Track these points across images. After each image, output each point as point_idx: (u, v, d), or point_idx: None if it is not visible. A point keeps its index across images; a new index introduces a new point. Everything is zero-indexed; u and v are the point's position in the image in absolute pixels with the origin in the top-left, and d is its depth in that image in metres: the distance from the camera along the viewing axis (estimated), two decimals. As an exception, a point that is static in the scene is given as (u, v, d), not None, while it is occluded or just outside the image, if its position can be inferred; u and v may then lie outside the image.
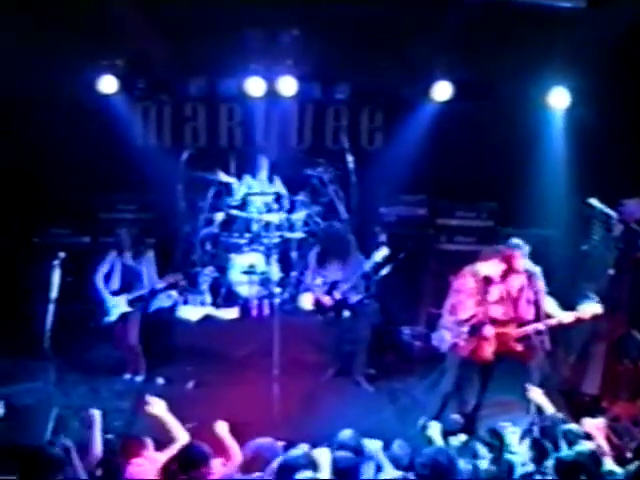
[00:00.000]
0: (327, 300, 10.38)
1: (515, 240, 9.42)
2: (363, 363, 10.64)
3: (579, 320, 9.26)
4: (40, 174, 12.35)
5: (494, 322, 9.43)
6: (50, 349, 10.72)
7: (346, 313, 10.34)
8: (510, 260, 9.34)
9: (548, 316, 9.28)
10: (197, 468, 7.03)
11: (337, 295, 10.33)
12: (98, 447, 7.51)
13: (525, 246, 9.39)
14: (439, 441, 7.87)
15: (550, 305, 9.33)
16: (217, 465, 7.33)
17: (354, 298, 10.34)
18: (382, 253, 10.17)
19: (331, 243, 10.50)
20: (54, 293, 10.36)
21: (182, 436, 7.63)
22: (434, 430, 8.01)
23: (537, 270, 9.40)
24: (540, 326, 9.27)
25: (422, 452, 7.17)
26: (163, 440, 7.75)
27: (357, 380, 10.59)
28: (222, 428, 7.84)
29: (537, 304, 9.34)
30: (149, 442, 7.66)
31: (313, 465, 7.37)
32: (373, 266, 10.25)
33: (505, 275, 9.39)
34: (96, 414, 7.70)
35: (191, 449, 7.29)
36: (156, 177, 12.48)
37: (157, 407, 7.89)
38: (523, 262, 9.37)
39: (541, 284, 9.35)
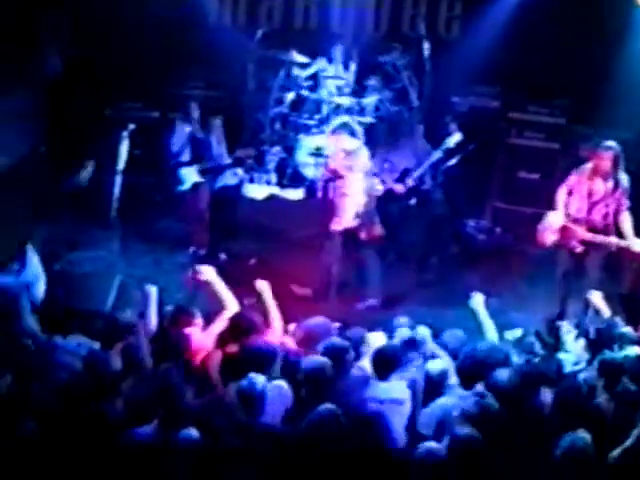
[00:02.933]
0: (400, 188, 10.28)
1: (609, 142, 9.14)
2: (430, 253, 10.67)
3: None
4: (114, 48, 12.34)
5: (566, 215, 9.30)
6: (116, 219, 10.95)
7: (413, 200, 10.28)
8: (600, 160, 9.09)
9: (620, 235, 9.08)
10: (247, 335, 7.17)
11: (410, 182, 10.23)
12: (154, 322, 7.64)
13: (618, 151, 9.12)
14: (482, 312, 7.86)
15: (627, 226, 9.06)
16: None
17: (424, 186, 10.26)
18: (455, 139, 10.04)
19: (398, 130, 10.36)
20: (122, 164, 10.48)
21: (232, 305, 7.71)
22: (477, 302, 7.99)
23: (625, 181, 9.11)
24: (609, 241, 9.09)
25: (476, 347, 7.23)
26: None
27: (422, 269, 10.62)
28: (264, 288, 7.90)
29: (615, 215, 9.13)
30: (198, 314, 7.76)
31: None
32: (445, 151, 10.11)
33: (593, 174, 9.19)
34: (152, 290, 7.80)
35: (241, 317, 7.44)
36: (228, 55, 12.38)
37: (207, 274, 7.96)
38: (611, 168, 9.09)
39: (625, 199, 9.11)
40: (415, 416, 6.66)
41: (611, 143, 9.11)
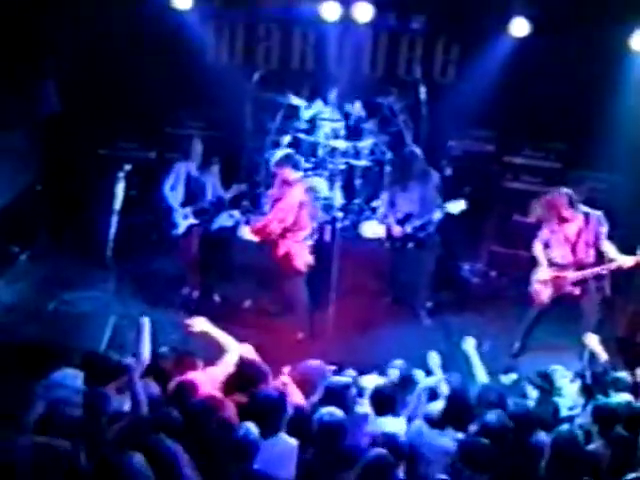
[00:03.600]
0: (397, 230, 10.28)
1: (563, 189, 9.33)
2: (425, 296, 10.67)
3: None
4: (109, 87, 12.39)
5: (552, 265, 9.41)
6: (111, 259, 10.93)
7: (410, 244, 10.28)
8: (557, 207, 9.26)
9: (608, 261, 9.19)
10: (255, 385, 7.14)
11: (408, 228, 10.22)
12: (146, 353, 7.59)
13: (572, 192, 9.31)
14: (473, 355, 7.84)
15: (610, 250, 9.20)
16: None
17: (421, 234, 10.26)
18: (459, 206, 9.99)
19: (411, 171, 10.34)
20: (118, 204, 10.47)
21: (233, 348, 7.68)
22: (469, 345, 7.98)
23: (597, 213, 9.27)
24: (598, 270, 9.20)
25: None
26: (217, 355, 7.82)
27: (417, 313, 10.63)
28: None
29: (596, 247, 9.26)
30: (198, 357, 7.73)
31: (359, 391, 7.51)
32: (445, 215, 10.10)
33: (561, 221, 9.30)
34: (145, 321, 7.77)
35: (249, 366, 7.40)
36: (225, 96, 12.42)
37: (200, 325, 7.93)
38: (570, 208, 9.24)
39: (602, 228, 9.24)
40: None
41: (560, 189, 9.34)
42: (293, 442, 6.47)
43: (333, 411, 6.51)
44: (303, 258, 9.87)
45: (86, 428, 6.49)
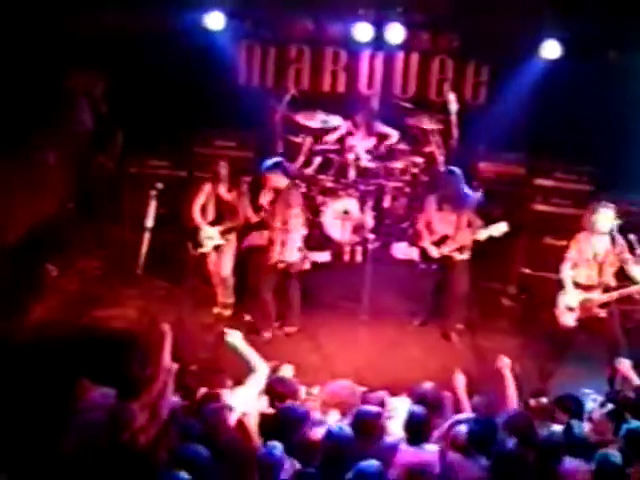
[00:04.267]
0: (434, 253, 10.27)
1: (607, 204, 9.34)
2: (456, 318, 10.64)
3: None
4: (141, 106, 12.49)
5: (578, 287, 9.37)
6: (142, 277, 11.00)
7: (444, 266, 10.27)
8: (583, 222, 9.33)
9: (635, 283, 9.14)
10: (283, 400, 7.15)
11: (445, 251, 10.21)
12: (167, 360, 7.63)
13: (606, 209, 9.30)
14: (507, 376, 7.84)
15: (637, 271, 9.13)
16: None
17: (458, 257, 10.25)
18: (501, 229, 9.97)
19: (448, 192, 10.32)
20: (150, 222, 10.53)
21: (262, 367, 7.69)
22: (504, 365, 7.93)
23: (630, 236, 9.22)
24: (625, 292, 9.15)
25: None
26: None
27: (449, 334, 10.61)
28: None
29: (624, 271, 9.21)
30: (228, 381, 7.76)
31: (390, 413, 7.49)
32: (485, 238, 10.07)
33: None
34: (166, 328, 7.80)
35: (280, 382, 7.42)
36: (256, 116, 12.51)
37: (234, 337, 7.97)
38: (600, 224, 9.24)
39: (634, 251, 9.17)
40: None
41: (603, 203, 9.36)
42: None
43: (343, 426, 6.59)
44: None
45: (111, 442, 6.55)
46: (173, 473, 6.02)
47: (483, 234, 9.99)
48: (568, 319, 9.46)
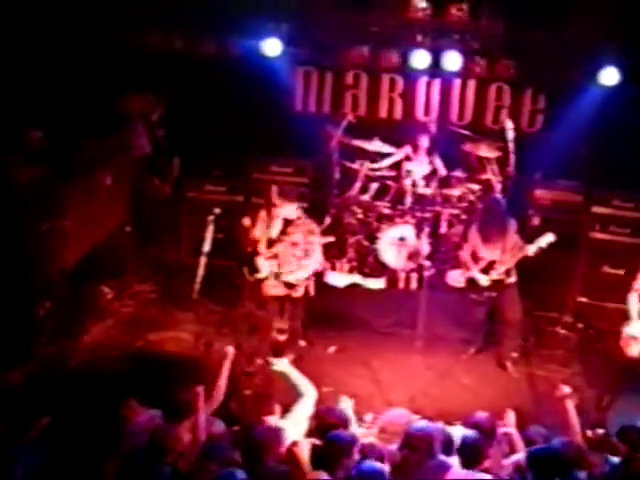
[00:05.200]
0: (483, 281, 10.22)
1: None
2: (511, 347, 10.54)
3: None
4: (199, 130, 12.61)
5: None
6: (197, 301, 11.05)
7: (494, 294, 10.22)
8: None
9: None
10: (334, 430, 7.10)
11: (494, 276, 10.17)
12: (223, 384, 7.64)
13: None
14: (569, 406, 7.71)
15: None
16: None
17: (507, 281, 10.19)
18: (547, 239, 9.91)
19: (493, 219, 10.26)
20: (207, 247, 10.59)
21: (310, 393, 7.68)
22: (563, 394, 7.83)
23: None
24: None
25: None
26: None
27: (504, 363, 10.51)
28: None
29: None
30: (277, 406, 7.75)
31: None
32: (535, 251, 10.00)
33: None
34: (230, 350, 7.83)
35: (331, 412, 7.39)
36: (312, 142, 12.57)
37: (280, 365, 7.96)
38: None
39: None
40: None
41: None
42: None
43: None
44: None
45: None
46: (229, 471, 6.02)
47: (532, 248, 9.91)
48: (633, 349, 9.31)
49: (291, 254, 10.09)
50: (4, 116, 10.18)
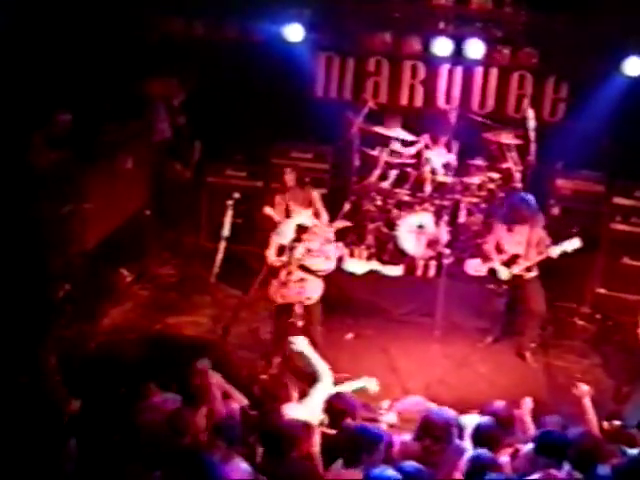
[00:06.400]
0: (504, 275, 10.21)
1: None
2: (530, 337, 10.50)
3: None
4: (219, 116, 12.61)
5: None
6: (215, 285, 11.09)
7: (515, 285, 10.20)
8: None
9: None
10: (343, 417, 7.13)
11: (515, 270, 10.15)
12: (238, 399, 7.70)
13: None
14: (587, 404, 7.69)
15: None
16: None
17: (528, 275, 10.16)
18: (574, 245, 9.86)
19: (519, 212, 10.22)
20: (226, 231, 10.62)
21: (326, 377, 7.71)
22: (582, 392, 7.80)
23: None
24: None
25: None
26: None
27: (523, 353, 10.48)
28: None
29: None
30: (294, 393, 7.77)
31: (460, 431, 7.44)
32: (558, 254, 9.96)
33: None
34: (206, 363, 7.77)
35: (340, 399, 7.40)
36: (333, 129, 12.56)
37: (301, 345, 7.98)
38: None
39: None
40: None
41: None
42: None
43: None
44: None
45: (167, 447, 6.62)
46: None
47: (556, 250, 9.87)
48: None
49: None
50: (29, 99, 10.21)
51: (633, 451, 7.26)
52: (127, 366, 9.27)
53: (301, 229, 9.62)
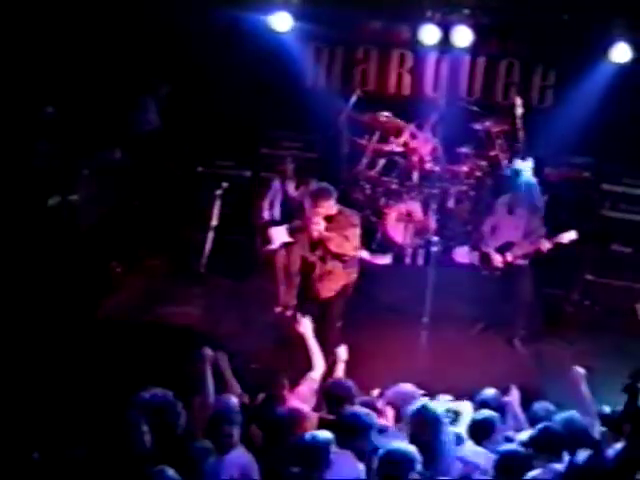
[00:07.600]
0: (497, 260, 10.24)
1: None
2: (519, 325, 10.52)
3: None
4: (208, 106, 12.60)
5: None
6: (205, 275, 11.08)
7: (507, 272, 10.22)
8: None
9: None
10: (341, 404, 7.14)
11: (509, 257, 10.17)
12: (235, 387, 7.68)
13: None
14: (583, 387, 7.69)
15: None
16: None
17: (521, 262, 10.19)
18: (570, 236, 9.89)
19: (520, 198, 10.23)
20: (215, 221, 10.61)
21: (319, 366, 7.73)
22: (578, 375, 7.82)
23: None
24: None
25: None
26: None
27: (511, 341, 10.51)
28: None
29: None
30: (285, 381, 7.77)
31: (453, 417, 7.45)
32: (550, 247, 9.99)
33: None
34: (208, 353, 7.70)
35: (337, 385, 7.41)
36: (322, 118, 12.56)
37: (305, 327, 8.01)
38: None
39: None
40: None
41: None
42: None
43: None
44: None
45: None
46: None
47: (548, 245, 9.89)
48: None
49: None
50: (19, 94, 10.19)
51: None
52: (119, 356, 9.25)
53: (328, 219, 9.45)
